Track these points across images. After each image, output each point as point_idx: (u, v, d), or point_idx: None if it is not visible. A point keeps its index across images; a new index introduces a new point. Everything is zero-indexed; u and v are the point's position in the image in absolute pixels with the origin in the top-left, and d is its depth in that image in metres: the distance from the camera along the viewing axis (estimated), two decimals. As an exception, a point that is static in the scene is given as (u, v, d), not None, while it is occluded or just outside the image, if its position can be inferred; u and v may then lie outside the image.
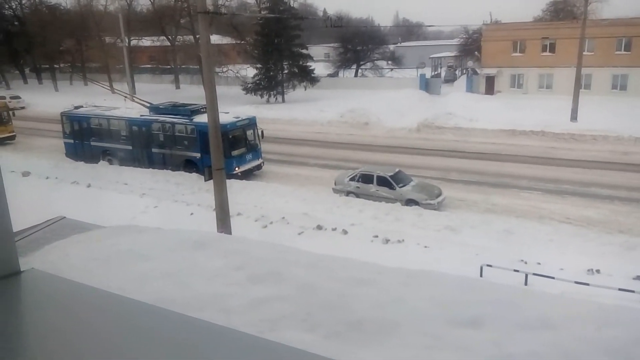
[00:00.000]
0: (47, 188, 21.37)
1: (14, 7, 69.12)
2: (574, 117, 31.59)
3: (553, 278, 12.18)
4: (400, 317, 1.85)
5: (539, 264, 13.59)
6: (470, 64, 62.63)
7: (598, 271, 13.28)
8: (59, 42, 61.33)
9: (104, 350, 1.35)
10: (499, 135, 30.53)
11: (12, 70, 68.23)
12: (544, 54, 43.29)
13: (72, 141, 27.01)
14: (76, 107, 28.22)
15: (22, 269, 1.66)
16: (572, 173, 22.94)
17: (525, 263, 13.68)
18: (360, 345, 1.70)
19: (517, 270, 12.75)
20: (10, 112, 34.72)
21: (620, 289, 11.67)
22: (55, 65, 64.04)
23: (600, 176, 22.35)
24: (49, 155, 28.26)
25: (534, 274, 12.61)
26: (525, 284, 12.42)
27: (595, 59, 38.95)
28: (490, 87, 45.36)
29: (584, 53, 33.00)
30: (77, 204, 17.63)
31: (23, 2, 69.00)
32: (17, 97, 49.43)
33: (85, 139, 26.48)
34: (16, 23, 67.64)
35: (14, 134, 33.69)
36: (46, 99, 49.16)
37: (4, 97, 44.54)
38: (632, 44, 40.04)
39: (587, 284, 12.09)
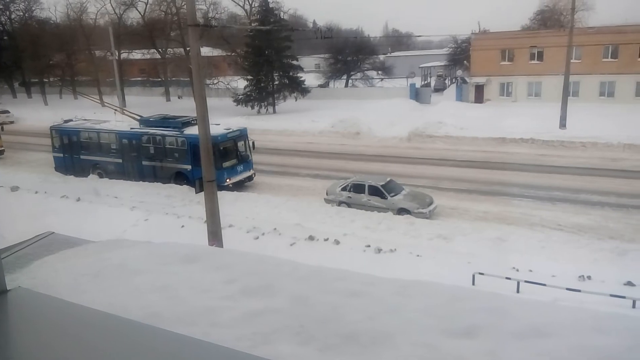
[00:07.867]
0: (36, 203, 21.15)
1: (3, 21, 68.96)
2: (563, 124, 31.85)
3: (545, 285, 12.21)
4: (394, 328, 1.83)
5: (531, 271, 13.62)
6: (459, 73, 63.22)
7: (589, 277, 13.32)
8: (48, 56, 61.15)
9: None
10: (489, 143, 30.70)
11: (0, 85, 67.87)
12: (532, 62, 43.73)
13: (61, 155, 26.80)
14: (66, 121, 28.01)
15: (8, 287, 1.62)
16: (562, 180, 23.06)
17: (517, 270, 13.70)
18: (355, 357, 1.68)
19: (509, 278, 12.78)
20: (-1, 127, 34.56)
21: (611, 295, 11.71)
22: (45, 79, 63.81)
23: (590, 183, 22.49)
24: (38, 170, 28.05)
25: (526, 282, 12.62)
26: (517, 291, 12.45)
27: (582, 66, 39.38)
28: (479, 95, 45.70)
29: (572, 61, 33.36)
30: (66, 218, 17.49)
31: (12, 16, 68.92)
32: (6, 112, 49.11)
33: (74, 153, 26.31)
34: (5, 37, 67.44)
35: (2, 148, 33.50)
36: (35, 113, 48.89)
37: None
38: (619, 51, 40.54)
39: (579, 291, 12.13)
